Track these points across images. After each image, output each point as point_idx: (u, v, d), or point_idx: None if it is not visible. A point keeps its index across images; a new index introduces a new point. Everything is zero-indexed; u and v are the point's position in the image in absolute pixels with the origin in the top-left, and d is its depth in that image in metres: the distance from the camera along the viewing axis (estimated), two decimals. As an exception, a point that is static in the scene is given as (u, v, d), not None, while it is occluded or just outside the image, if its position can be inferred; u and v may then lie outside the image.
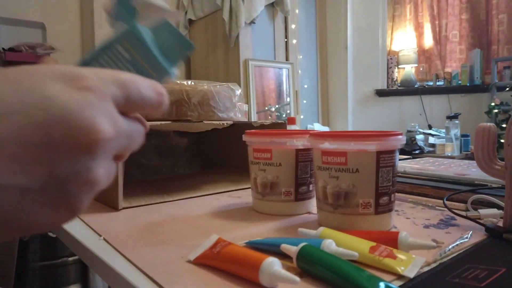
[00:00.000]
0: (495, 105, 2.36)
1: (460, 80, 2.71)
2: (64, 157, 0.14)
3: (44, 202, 0.15)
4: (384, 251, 0.30)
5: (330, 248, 0.30)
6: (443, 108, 2.72)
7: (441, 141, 2.39)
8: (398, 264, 0.28)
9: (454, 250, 0.32)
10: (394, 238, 0.32)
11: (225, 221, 0.45)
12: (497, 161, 0.37)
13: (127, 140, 0.18)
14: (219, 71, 2.23)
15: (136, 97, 0.18)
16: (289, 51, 2.38)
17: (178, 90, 0.59)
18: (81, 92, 0.15)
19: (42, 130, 0.14)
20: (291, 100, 2.37)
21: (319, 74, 3.05)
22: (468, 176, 0.53)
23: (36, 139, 0.14)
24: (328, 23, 3.06)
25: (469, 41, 2.77)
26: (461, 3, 2.77)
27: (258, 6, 2.08)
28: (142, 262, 0.32)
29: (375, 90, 3.03)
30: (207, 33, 2.29)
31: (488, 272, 0.27)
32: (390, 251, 0.30)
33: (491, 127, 0.37)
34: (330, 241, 0.31)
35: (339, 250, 0.30)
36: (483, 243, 0.34)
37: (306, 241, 0.30)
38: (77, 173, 0.15)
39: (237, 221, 0.44)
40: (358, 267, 0.26)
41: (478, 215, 0.41)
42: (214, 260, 0.30)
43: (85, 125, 0.15)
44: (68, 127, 0.14)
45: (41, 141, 0.14)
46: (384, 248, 0.30)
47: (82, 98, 0.15)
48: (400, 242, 0.31)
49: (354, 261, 0.29)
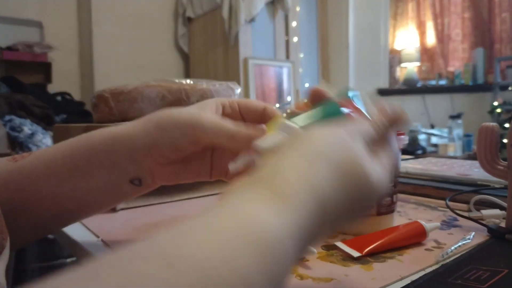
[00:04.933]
0: (498, 104, 2.35)
1: (463, 79, 2.70)
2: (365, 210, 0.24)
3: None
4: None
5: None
6: (445, 108, 2.71)
7: (444, 141, 2.39)
8: None
9: (456, 251, 0.31)
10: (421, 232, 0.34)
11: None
12: (500, 161, 0.37)
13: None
14: (218, 70, 2.23)
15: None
16: (289, 50, 2.37)
17: (177, 89, 0.59)
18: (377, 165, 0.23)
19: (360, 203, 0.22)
20: (292, 100, 2.36)
21: (321, 73, 3.04)
22: (470, 176, 0.53)
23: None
24: (329, 21, 3.05)
25: (472, 40, 2.76)
26: (464, 2, 2.76)
27: (258, 4, 2.07)
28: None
29: (377, 89, 3.02)
30: (207, 31, 2.29)
31: (490, 273, 0.26)
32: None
33: (494, 127, 0.37)
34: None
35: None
36: (485, 244, 0.33)
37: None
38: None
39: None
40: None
41: (481, 216, 0.40)
42: None
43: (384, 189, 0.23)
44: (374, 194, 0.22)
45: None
46: None
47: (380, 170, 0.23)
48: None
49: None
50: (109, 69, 2.11)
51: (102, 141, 0.30)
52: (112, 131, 0.30)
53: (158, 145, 0.29)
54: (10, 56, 1.74)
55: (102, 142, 0.30)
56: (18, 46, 1.77)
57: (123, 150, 0.29)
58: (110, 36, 2.14)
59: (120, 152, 0.30)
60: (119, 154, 0.30)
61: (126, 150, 0.29)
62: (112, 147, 0.30)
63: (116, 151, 0.30)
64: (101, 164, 0.30)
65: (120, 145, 0.30)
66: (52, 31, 1.99)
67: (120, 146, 0.30)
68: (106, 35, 2.12)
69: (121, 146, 0.30)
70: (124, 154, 0.30)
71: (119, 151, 0.29)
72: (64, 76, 2.03)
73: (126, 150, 0.29)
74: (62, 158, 0.30)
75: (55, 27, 2.02)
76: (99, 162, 0.30)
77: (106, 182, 0.31)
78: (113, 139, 0.30)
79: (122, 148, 0.29)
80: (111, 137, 0.30)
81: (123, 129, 0.30)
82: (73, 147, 0.31)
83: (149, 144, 0.29)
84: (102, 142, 0.30)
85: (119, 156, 0.30)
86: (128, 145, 0.29)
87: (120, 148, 0.29)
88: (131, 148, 0.29)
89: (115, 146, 0.30)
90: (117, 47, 2.18)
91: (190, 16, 2.35)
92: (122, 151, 0.29)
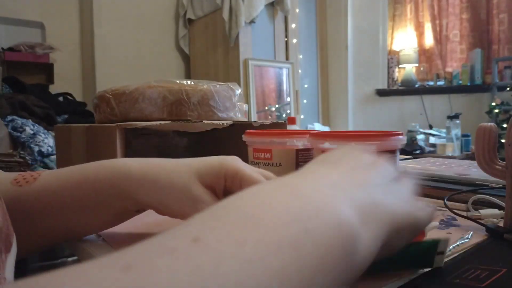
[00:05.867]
0: (496, 105, 2.35)
1: (461, 79, 2.70)
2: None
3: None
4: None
5: None
6: (443, 108, 2.71)
7: (442, 141, 2.39)
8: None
9: (454, 251, 0.32)
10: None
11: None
12: (498, 161, 0.37)
13: None
14: (219, 71, 2.23)
15: None
16: (289, 51, 2.38)
17: (177, 89, 0.59)
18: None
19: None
20: (291, 100, 2.37)
21: (320, 73, 3.04)
22: (469, 176, 0.53)
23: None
24: (328, 22, 3.06)
25: (470, 41, 2.76)
26: (462, 3, 2.77)
27: (258, 6, 2.08)
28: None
29: (376, 89, 3.03)
30: (207, 33, 2.29)
31: (489, 272, 0.27)
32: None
33: (492, 127, 0.37)
34: None
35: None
36: (484, 243, 0.34)
37: None
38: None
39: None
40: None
41: (479, 215, 0.40)
42: None
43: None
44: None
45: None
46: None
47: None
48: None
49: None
50: (111, 70, 2.11)
51: (108, 183, 0.31)
52: (117, 172, 0.31)
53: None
54: (12, 57, 1.74)
55: (109, 183, 0.31)
56: (20, 47, 1.77)
57: (128, 195, 0.31)
58: (112, 37, 2.14)
59: (126, 197, 0.31)
60: (125, 198, 0.31)
61: (131, 196, 0.31)
62: (118, 191, 0.31)
63: (122, 195, 0.31)
64: (108, 204, 0.32)
65: (125, 190, 0.31)
66: (53, 32, 1.99)
67: (126, 191, 0.31)
68: (108, 36, 2.12)
69: (127, 191, 0.31)
70: (129, 198, 0.31)
71: (124, 196, 0.31)
72: (65, 77, 2.03)
73: (131, 196, 0.31)
74: (70, 191, 0.31)
75: (57, 28, 2.02)
76: (107, 202, 0.32)
77: (114, 214, 0.33)
78: (119, 184, 0.31)
79: (127, 193, 0.31)
80: (117, 180, 0.31)
81: (126, 174, 0.31)
82: (81, 181, 0.32)
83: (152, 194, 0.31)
84: (109, 183, 0.31)
85: (125, 200, 0.31)
86: (132, 193, 0.31)
87: (125, 192, 0.31)
88: (134, 196, 0.31)
89: (121, 190, 0.31)
90: (118, 48, 2.18)
91: (190, 17, 2.35)
92: (128, 196, 0.31)
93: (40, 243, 0.34)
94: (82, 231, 0.35)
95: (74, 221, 0.32)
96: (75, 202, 0.31)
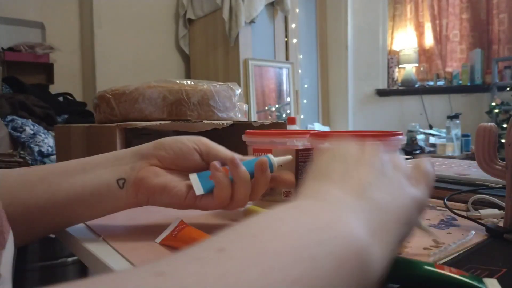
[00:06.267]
0: (495, 105, 2.35)
1: (461, 79, 2.70)
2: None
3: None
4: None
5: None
6: (443, 108, 2.71)
7: (442, 141, 2.39)
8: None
9: (454, 251, 0.32)
10: None
11: (226, 221, 0.44)
12: (497, 161, 0.37)
13: None
14: (219, 71, 2.23)
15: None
16: (289, 51, 2.38)
17: (177, 89, 0.59)
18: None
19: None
20: (291, 100, 2.37)
21: (320, 73, 3.04)
22: (468, 176, 0.53)
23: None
24: (328, 22, 3.06)
25: (470, 41, 2.76)
26: (462, 3, 2.77)
27: (258, 6, 2.08)
28: (141, 262, 0.32)
29: (376, 89, 3.03)
30: (207, 33, 2.29)
31: (489, 272, 0.27)
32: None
33: (492, 127, 0.37)
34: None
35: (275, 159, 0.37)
36: (483, 243, 0.34)
37: None
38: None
39: (237, 221, 0.44)
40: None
41: (479, 215, 0.40)
42: (173, 241, 0.34)
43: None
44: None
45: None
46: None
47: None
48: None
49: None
50: (111, 70, 2.11)
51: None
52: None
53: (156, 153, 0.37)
54: (12, 57, 1.74)
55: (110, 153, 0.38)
56: (20, 47, 1.77)
57: (127, 153, 0.37)
58: (112, 37, 2.14)
59: (125, 154, 0.37)
60: (123, 155, 0.37)
61: (129, 153, 0.37)
62: (118, 153, 0.37)
63: (120, 153, 0.37)
64: (104, 164, 0.37)
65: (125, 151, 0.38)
66: (53, 32, 1.99)
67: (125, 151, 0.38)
68: (108, 36, 2.12)
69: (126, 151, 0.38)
70: (126, 155, 0.37)
71: (124, 153, 0.37)
72: (66, 77, 2.03)
73: (129, 152, 0.37)
74: (76, 160, 0.38)
75: (57, 28, 2.02)
76: (103, 163, 0.37)
77: (100, 178, 0.36)
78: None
79: (127, 151, 0.37)
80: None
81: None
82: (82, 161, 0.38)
83: (148, 153, 0.37)
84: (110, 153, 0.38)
85: (122, 156, 0.37)
86: (133, 150, 0.37)
87: (124, 152, 0.38)
88: (135, 151, 0.37)
89: (120, 152, 0.38)
90: (118, 48, 2.18)
91: (190, 17, 2.35)
92: (127, 154, 0.37)
93: (40, 228, 0.36)
94: (73, 200, 0.36)
95: (72, 185, 0.36)
96: (79, 166, 0.36)
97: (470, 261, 0.29)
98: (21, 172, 0.35)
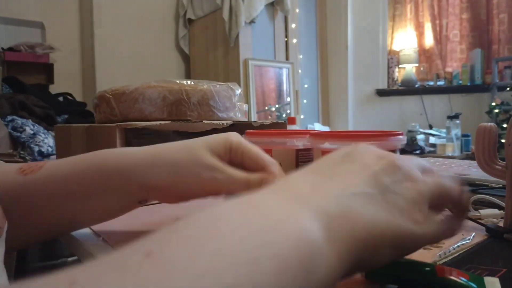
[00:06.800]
0: (495, 105, 2.35)
1: (461, 79, 2.70)
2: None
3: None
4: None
5: None
6: (443, 108, 2.71)
7: (442, 141, 2.39)
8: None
9: (454, 251, 0.32)
10: None
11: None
12: (497, 161, 0.37)
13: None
14: (219, 71, 2.23)
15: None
16: (289, 51, 2.38)
17: (177, 89, 0.59)
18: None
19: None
20: (291, 100, 2.37)
21: (320, 73, 3.04)
22: (468, 176, 0.53)
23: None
24: (328, 22, 3.06)
25: (470, 41, 2.76)
26: (462, 3, 2.77)
27: (258, 6, 2.08)
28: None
29: (376, 89, 3.03)
30: (207, 33, 2.29)
31: (489, 272, 0.27)
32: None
33: (492, 127, 0.37)
34: None
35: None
36: (484, 243, 0.34)
37: None
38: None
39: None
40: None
41: (479, 216, 0.40)
42: None
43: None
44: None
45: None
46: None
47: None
48: None
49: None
50: (111, 70, 2.11)
51: (115, 168, 0.31)
52: (124, 159, 0.31)
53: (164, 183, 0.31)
54: (12, 57, 1.74)
55: (116, 170, 0.31)
56: (20, 47, 1.77)
57: (135, 180, 0.31)
58: (112, 37, 2.14)
59: (133, 182, 0.31)
60: (132, 184, 0.31)
61: (138, 181, 0.31)
62: (125, 176, 0.31)
63: (129, 181, 0.31)
64: (114, 191, 0.32)
65: (133, 175, 0.31)
66: (53, 32, 1.99)
67: (133, 176, 0.31)
68: (108, 36, 2.12)
69: (134, 176, 0.31)
70: (136, 184, 0.31)
71: (131, 181, 0.31)
72: (66, 77, 2.03)
73: (138, 180, 0.31)
74: (76, 179, 0.31)
75: (57, 28, 2.02)
76: (113, 189, 0.32)
77: (117, 203, 0.33)
78: (126, 169, 0.31)
79: (135, 178, 0.31)
80: (124, 166, 0.31)
81: (134, 159, 0.31)
82: (87, 168, 0.32)
83: (158, 181, 0.31)
84: (116, 170, 0.31)
85: (132, 186, 0.31)
86: (140, 177, 0.31)
87: (133, 178, 0.31)
88: (142, 180, 0.31)
89: (129, 175, 0.31)
90: (118, 48, 2.18)
91: (190, 17, 2.35)
92: (135, 182, 0.31)
93: (45, 232, 0.34)
94: (86, 220, 0.35)
95: (79, 210, 0.32)
96: (80, 190, 0.31)
97: (470, 261, 0.29)
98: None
